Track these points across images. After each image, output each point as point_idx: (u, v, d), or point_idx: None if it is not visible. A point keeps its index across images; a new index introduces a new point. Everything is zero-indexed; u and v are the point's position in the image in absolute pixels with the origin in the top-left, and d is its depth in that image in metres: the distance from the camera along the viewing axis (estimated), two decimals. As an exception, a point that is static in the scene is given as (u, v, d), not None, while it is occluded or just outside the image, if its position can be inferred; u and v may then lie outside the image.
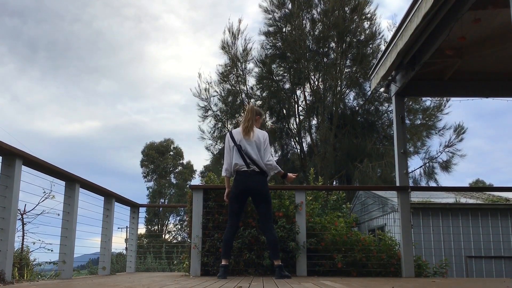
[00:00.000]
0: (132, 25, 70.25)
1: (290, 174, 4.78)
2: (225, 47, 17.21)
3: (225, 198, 4.73)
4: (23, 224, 5.78)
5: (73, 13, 70.46)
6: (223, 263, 4.46)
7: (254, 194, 4.56)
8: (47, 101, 71.55)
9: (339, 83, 16.82)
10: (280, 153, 17.34)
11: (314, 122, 17.51)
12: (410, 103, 15.74)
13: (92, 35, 70.05)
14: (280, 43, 17.23)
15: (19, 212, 5.49)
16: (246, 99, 17.34)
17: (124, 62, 72.74)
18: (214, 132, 17.53)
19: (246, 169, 4.50)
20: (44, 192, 5.34)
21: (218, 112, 17.40)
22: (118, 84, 71.96)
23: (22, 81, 70.07)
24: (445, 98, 15.19)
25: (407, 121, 15.19)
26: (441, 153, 15.53)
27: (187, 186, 29.90)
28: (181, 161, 39.06)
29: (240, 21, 17.53)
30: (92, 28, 68.63)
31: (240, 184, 4.52)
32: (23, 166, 3.94)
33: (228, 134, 4.68)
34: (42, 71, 70.70)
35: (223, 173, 4.68)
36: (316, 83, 17.25)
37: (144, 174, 37.97)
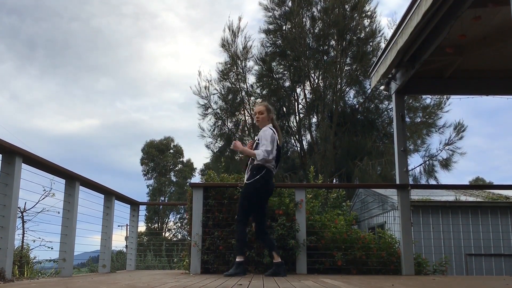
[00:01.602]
0: (130, 23, 70.10)
1: None
2: (225, 45, 17.19)
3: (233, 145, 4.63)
4: (23, 222, 5.78)
5: (71, 11, 70.34)
6: (243, 259, 4.41)
7: (270, 196, 4.68)
8: (46, 99, 71.50)
9: (339, 81, 16.80)
10: (280, 151, 17.30)
11: (314, 120, 17.52)
12: (410, 101, 15.73)
13: (91, 33, 69.94)
14: (280, 41, 17.21)
15: (19, 210, 5.49)
16: (246, 97, 17.33)
17: (123, 60, 72.63)
18: (214, 130, 17.52)
19: (274, 170, 4.55)
20: (44, 190, 5.34)
21: (218, 110, 17.39)
22: (117, 82, 71.87)
23: (21, 79, 70.01)
24: (445, 96, 15.17)
25: (407, 119, 15.19)
26: (441, 151, 15.54)
27: (187, 184, 29.89)
28: (181, 159, 39.06)
29: (240, 19, 17.51)
30: (90, 26, 68.50)
31: (271, 185, 4.55)
32: (23, 164, 3.95)
33: (272, 131, 4.55)
34: (41, 69, 70.61)
35: (260, 156, 4.38)
36: (316, 81, 17.25)
37: (144, 172, 37.99)
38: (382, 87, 6.96)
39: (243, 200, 4.50)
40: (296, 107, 17.42)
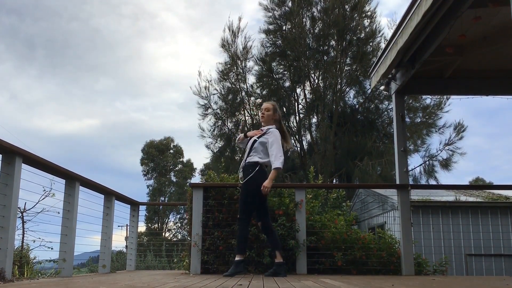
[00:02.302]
0: (129, 23, 70.19)
1: None
2: (225, 45, 17.20)
3: (267, 190, 4.42)
4: (23, 222, 5.79)
5: (71, 11, 70.43)
6: (243, 258, 4.41)
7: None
8: (46, 99, 71.61)
9: (339, 81, 16.81)
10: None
11: (314, 120, 17.52)
12: (410, 101, 15.73)
13: (90, 33, 70.01)
14: (280, 41, 17.21)
15: (19, 210, 5.50)
16: (246, 97, 17.34)
17: (122, 60, 72.70)
18: (214, 130, 17.53)
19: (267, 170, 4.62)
20: (44, 190, 5.34)
21: (218, 110, 17.39)
22: (117, 82, 71.95)
23: (21, 79, 70.13)
24: (445, 96, 15.19)
25: (407, 119, 15.19)
26: (441, 151, 15.55)
27: (187, 184, 29.87)
28: (181, 159, 39.05)
29: (240, 19, 17.54)
30: (89, 26, 68.59)
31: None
32: (23, 164, 3.94)
33: (278, 132, 4.63)
34: (40, 69, 70.70)
35: (281, 166, 4.44)
36: (316, 81, 17.25)
37: (144, 172, 37.99)
38: (382, 87, 6.96)
39: (245, 198, 4.48)
40: (296, 107, 17.43)
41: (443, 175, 15.58)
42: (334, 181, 16.03)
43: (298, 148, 17.45)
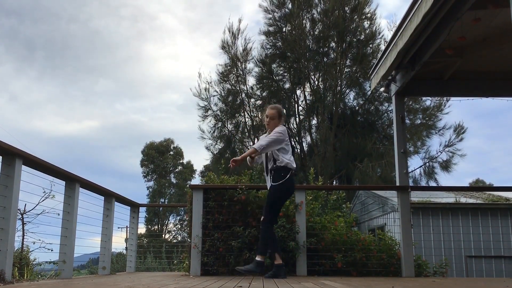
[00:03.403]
0: (129, 24, 70.25)
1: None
2: (225, 47, 17.22)
3: (233, 162, 4.34)
4: (23, 224, 5.79)
5: (70, 12, 70.44)
6: (263, 260, 4.42)
7: (291, 196, 4.83)
8: (45, 100, 71.62)
9: (339, 82, 16.82)
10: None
11: (314, 121, 17.54)
12: (410, 103, 15.74)
13: (89, 34, 70.02)
14: (280, 43, 17.23)
15: (19, 211, 5.50)
16: (246, 99, 17.34)
17: (122, 61, 72.73)
18: (214, 132, 17.54)
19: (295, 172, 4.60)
20: (44, 191, 5.34)
21: (218, 112, 17.41)
22: (116, 83, 71.96)
23: (20, 81, 70.11)
24: (445, 98, 15.19)
25: (407, 121, 15.19)
26: (441, 152, 15.54)
27: (187, 185, 29.88)
28: (181, 161, 39.04)
29: (240, 21, 17.59)
30: (89, 27, 68.59)
31: (293, 186, 4.64)
32: (23, 165, 3.94)
33: (286, 128, 4.61)
34: (40, 71, 70.67)
35: (257, 148, 4.35)
36: (316, 82, 17.26)
37: (144, 174, 37.98)
38: (382, 89, 6.95)
39: (275, 201, 4.49)
40: (296, 109, 17.44)
41: (443, 177, 15.60)
42: (334, 182, 16.02)
43: (298, 150, 17.45)
